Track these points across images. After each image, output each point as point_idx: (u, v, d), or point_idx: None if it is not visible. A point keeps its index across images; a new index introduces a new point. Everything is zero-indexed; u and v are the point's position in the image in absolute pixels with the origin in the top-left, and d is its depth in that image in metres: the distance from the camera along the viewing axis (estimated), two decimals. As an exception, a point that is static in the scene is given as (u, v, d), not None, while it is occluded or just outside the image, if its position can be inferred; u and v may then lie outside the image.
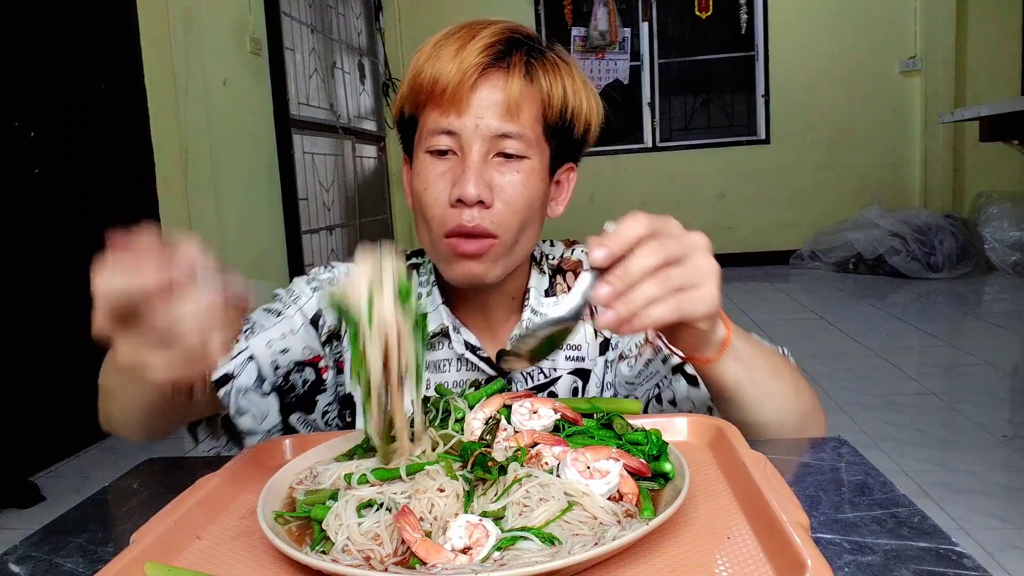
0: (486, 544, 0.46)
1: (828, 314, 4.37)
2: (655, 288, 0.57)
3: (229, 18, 3.61)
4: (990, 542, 1.78)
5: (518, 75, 0.79)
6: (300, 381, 0.86)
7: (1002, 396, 2.87)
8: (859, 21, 6.03)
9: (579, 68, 0.87)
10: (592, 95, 0.87)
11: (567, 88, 0.83)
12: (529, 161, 0.81)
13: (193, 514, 0.54)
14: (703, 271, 0.59)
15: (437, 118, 0.80)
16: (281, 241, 4.12)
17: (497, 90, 0.79)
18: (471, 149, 0.79)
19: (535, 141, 0.81)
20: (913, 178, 6.15)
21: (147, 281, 0.47)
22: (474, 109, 0.79)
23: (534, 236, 0.86)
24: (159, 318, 0.49)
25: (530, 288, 0.92)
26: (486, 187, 0.78)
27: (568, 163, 0.90)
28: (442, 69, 0.78)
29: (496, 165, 0.80)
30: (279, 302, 0.89)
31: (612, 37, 6.09)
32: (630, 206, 6.93)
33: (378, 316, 0.54)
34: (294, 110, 4.21)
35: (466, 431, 0.61)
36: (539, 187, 0.83)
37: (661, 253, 0.58)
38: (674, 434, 0.67)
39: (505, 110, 0.79)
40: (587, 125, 0.87)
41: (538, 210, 0.84)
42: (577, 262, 0.96)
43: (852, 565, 0.47)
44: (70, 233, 2.74)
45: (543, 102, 0.82)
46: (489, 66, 0.79)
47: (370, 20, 5.77)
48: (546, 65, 0.82)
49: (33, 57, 2.62)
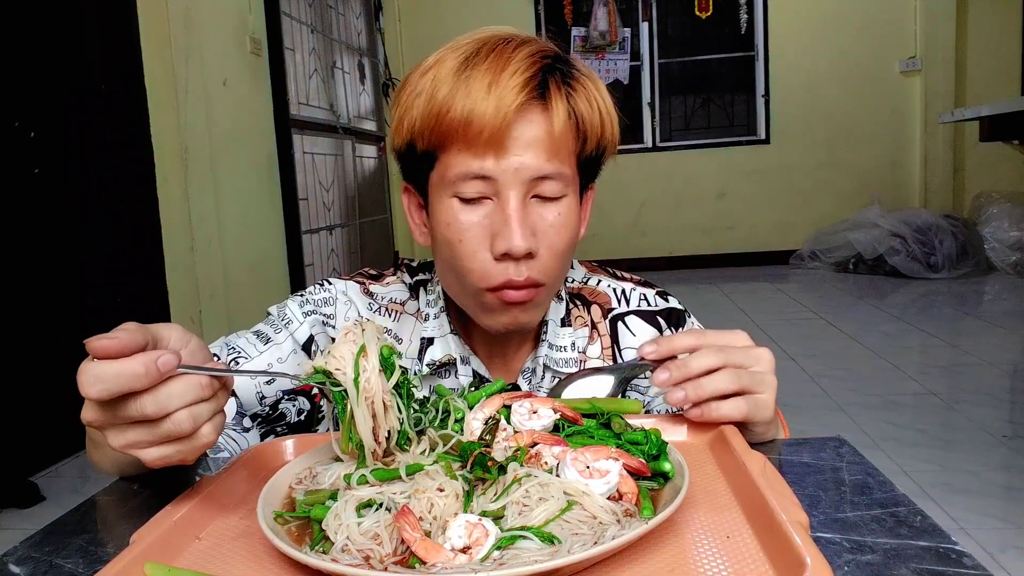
0: (486, 543, 0.46)
1: (828, 314, 4.37)
2: (725, 382, 0.64)
3: (229, 18, 3.61)
4: (990, 542, 1.78)
5: (561, 112, 0.72)
6: (293, 410, 0.82)
7: (1002, 396, 2.87)
8: (859, 21, 6.03)
9: (598, 79, 0.79)
10: (613, 106, 0.79)
11: (603, 115, 0.76)
12: (567, 199, 0.75)
13: (193, 514, 0.54)
14: (766, 383, 0.66)
15: (468, 161, 0.72)
16: (281, 241, 4.12)
17: (537, 127, 0.72)
18: (509, 195, 0.72)
19: (572, 177, 0.76)
20: (913, 178, 6.15)
21: (130, 378, 0.48)
22: (513, 151, 0.71)
23: (568, 268, 0.83)
24: (147, 408, 0.50)
25: (547, 320, 0.86)
26: (531, 235, 0.72)
27: (591, 184, 0.84)
28: (476, 107, 0.69)
29: (535, 207, 0.74)
30: (269, 325, 0.84)
31: (612, 37, 6.09)
32: (630, 206, 6.97)
33: (364, 385, 0.56)
34: (294, 110, 4.21)
35: (466, 431, 0.61)
36: (577, 223, 0.78)
37: (722, 357, 0.65)
38: (674, 434, 0.67)
39: (546, 150, 0.72)
40: (613, 146, 0.81)
41: (576, 243, 0.79)
42: (604, 296, 0.90)
43: (852, 564, 0.47)
44: (70, 233, 2.74)
45: (582, 134, 0.76)
46: (527, 102, 0.71)
47: (370, 20, 5.77)
48: (578, 90, 0.75)
49: (33, 57, 2.62)
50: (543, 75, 0.72)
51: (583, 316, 0.88)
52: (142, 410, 0.50)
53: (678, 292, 0.96)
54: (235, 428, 0.78)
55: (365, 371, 0.56)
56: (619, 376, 0.71)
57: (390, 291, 0.89)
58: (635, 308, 0.90)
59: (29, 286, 2.56)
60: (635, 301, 0.91)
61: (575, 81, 0.75)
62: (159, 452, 0.52)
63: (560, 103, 0.72)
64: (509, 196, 0.72)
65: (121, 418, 0.50)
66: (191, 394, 0.51)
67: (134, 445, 0.51)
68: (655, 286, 0.94)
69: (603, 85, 0.79)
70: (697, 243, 6.41)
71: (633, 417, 0.66)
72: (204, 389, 0.52)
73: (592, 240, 6.21)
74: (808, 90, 6.13)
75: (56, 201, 2.69)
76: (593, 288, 0.91)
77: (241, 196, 3.67)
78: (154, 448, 0.51)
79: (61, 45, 2.74)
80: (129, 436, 0.51)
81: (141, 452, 0.52)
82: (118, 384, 0.49)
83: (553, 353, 0.85)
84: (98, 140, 2.89)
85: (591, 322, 0.88)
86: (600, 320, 0.89)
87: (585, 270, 0.94)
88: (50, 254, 2.65)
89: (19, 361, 2.50)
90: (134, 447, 0.51)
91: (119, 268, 2.95)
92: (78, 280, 2.76)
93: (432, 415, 0.63)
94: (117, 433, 0.51)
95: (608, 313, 0.89)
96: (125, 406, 0.50)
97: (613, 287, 0.92)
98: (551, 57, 0.74)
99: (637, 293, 0.91)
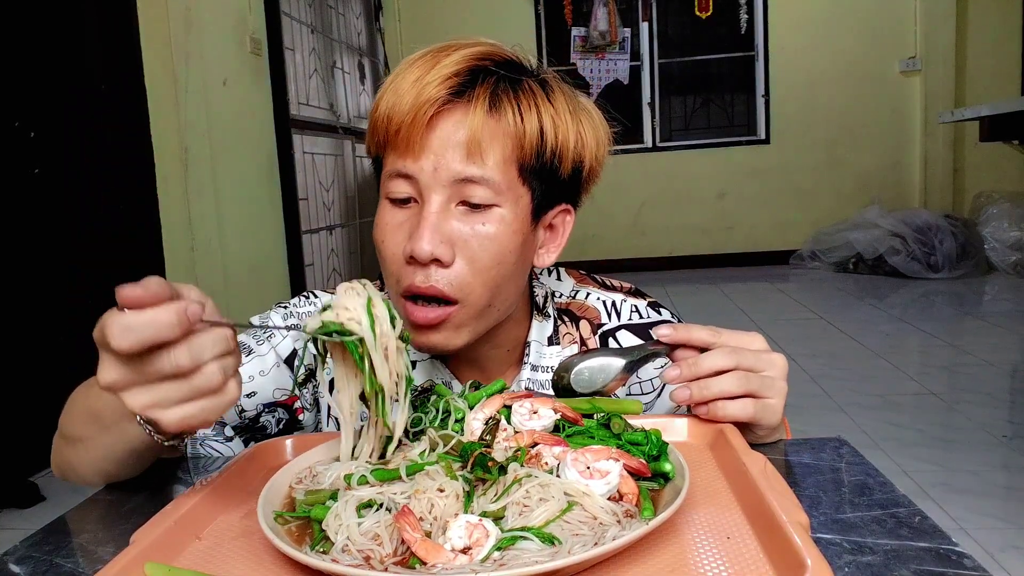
0: (486, 544, 0.46)
1: (828, 314, 4.37)
2: (732, 384, 0.64)
3: (229, 18, 3.61)
4: (990, 542, 1.78)
5: (480, 109, 0.68)
6: (273, 421, 0.81)
7: (1002, 396, 2.87)
8: (859, 21, 6.03)
9: (572, 95, 0.75)
10: (587, 125, 0.75)
11: (545, 121, 0.71)
12: (499, 210, 0.71)
13: (193, 514, 0.54)
14: (776, 388, 0.66)
15: (393, 160, 0.71)
16: (281, 241, 4.12)
17: (457, 128, 0.69)
18: (430, 197, 0.69)
19: (507, 186, 0.70)
20: (913, 178, 6.15)
21: (162, 327, 0.47)
22: (431, 150, 0.69)
23: (515, 292, 0.76)
24: (182, 360, 0.48)
25: (530, 342, 0.83)
26: (443, 242, 0.69)
27: (562, 205, 0.78)
28: (396, 104, 0.69)
29: (459, 216, 0.70)
30: (252, 336, 0.81)
31: (612, 37, 6.09)
32: (630, 206, 6.96)
33: (379, 331, 0.56)
34: (294, 110, 4.21)
35: (466, 431, 0.61)
36: (513, 239, 0.72)
37: (733, 359, 0.65)
38: (674, 434, 0.67)
39: (466, 151, 0.68)
40: (578, 161, 0.75)
41: (514, 265, 0.73)
42: (593, 311, 0.87)
43: (852, 565, 0.47)
44: (70, 233, 2.74)
45: (515, 139, 0.70)
46: (448, 100, 0.68)
47: (370, 20, 5.77)
48: (520, 96, 0.71)
49: (33, 57, 2.62)
50: (472, 75, 0.69)
51: (572, 333, 0.85)
52: (177, 361, 0.48)
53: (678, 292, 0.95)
54: (216, 439, 0.77)
55: (378, 319, 0.56)
56: (629, 359, 0.70)
57: None
58: (626, 322, 0.87)
59: (29, 286, 2.56)
60: (626, 313, 0.88)
61: (518, 86, 0.71)
62: (183, 411, 0.49)
63: (481, 102, 0.68)
64: (430, 198, 0.70)
65: (149, 374, 0.48)
66: (220, 345, 0.50)
67: (158, 404, 0.49)
68: (646, 296, 0.91)
69: (572, 98, 0.75)
70: (697, 243, 6.41)
71: (633, 417, 0.66)
72: (230, 341, 0.51)
73: (592, 240, 6.21)
74: (808, 90, 6.13)
75: (56, 201, 2.69)
76: (582, 303, 0.88)
77: (241, 196, 3.67)
78: (178, 407, 0.49)
79: (61, 45, 2.74)
80: (155, 394, 0.49)
81: (164, 413, 0.49)
82: (150, 333, 0.46)
83: (538, 375, 0.83)
84: (98, 140, 2.89)
85: (580, 339, 0.85)
86: (590, 336, 0.86)
87: (574, 281, 0.90)
88: (50, 254, 2.65)
89: (19, 361, 2.50)
90: (158, 407, 0.49)
91: (119, 268, 2.95)
92: (78, 280, 2.76)
93: (432, 415, 0.63)
94: (141, 392, 0.49)
95: (598, 329, 0.87)
96: (155, 359, 0.48)
97: (603, 299, 0.88)
98: (495, 60, 0.71)
99: (628, 305, 0.89)
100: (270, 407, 0.80)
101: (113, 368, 0.49)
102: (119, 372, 0.49)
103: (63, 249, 2.70)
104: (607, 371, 0.69)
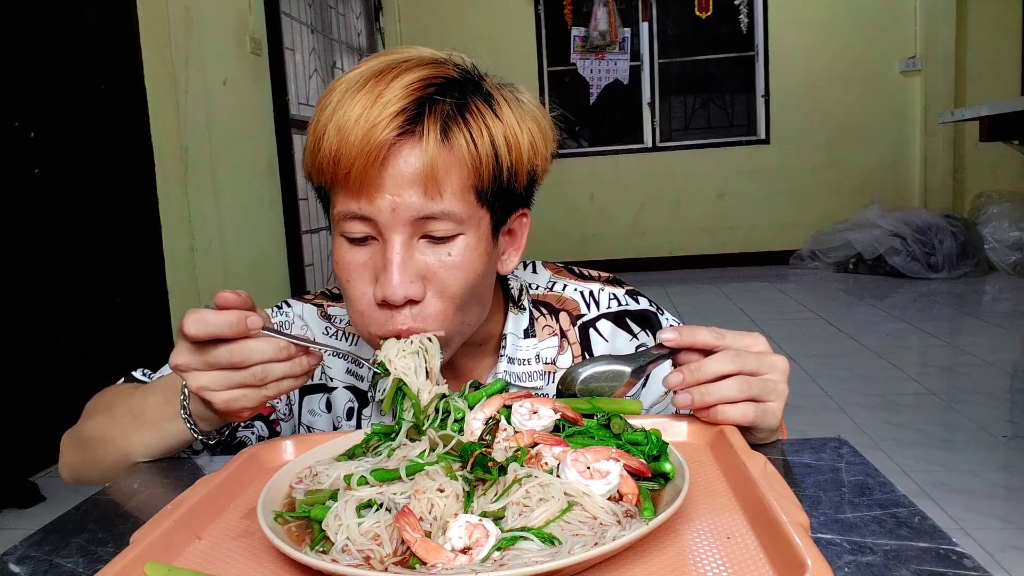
0: (486, 544, 0.46)
1: (828, 314, 4.37)
2: (733, 389, 0.65)
3: (229, 18, 3.61)
4: (990, 542, 1.78)
5: (432, 143, 0.65)
6: (253, 438, 0.81)
7: (1002, 396, 2.87)
8: (859, 21, 6.04)
9: (516, 102, 0.72)
10: (535, 129, 0.72)
11: (498, 141, 0.69)
12: (463, 238, 0.69)
13: (193, 514, 0.54)
14: (777, 391, 0.66)
15: (346, 201, 0.68)
16: (281, 241, 4.12)
17: (409, 162, 0.66)
18: (392, 237, 0.67)
19: (467, 214, 0.69)
20: (913, 178, 6.15)
21: (222, 325, 0.60)
22: (386, 189, 0.66)
23: (484, 304, 0.76)
24: (233, 356, 0.61)
25: (506, 335, 0.83)
26: (413, 281, 0.68)
27: (520, 210, 0.77)
28: (342, 146, 0.65)
29: (423, 248, 0.69)
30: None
31: (612, 37, 6.09)
32: (630, 206, 6.95)
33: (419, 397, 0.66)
34: (294, 110, 4.21)
35: (466, 431, 0.61)
36: (479, 261, 0.71)
37: (736, 363, 0.65)
38: (674, 434, 0.67)
39: (423, 188, 0.66)
40: (531, 170, 0.74)
41: (483, 282, 0.73)
42: (572, 302, 0.86)
43: (852, 565, 0.47)
44: (70, 233, 2.74)
45: (470, 167, 0.68)
46: (399, 136, 0.65)
47: (370, 20, 5.77)
48: (469, 120, 0.68)
49: (33, 57, 2.62)
50: (418, 107, 0.66)
51: (551, 325, 0.85)
52: (229, 356, 0.61)
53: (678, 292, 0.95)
54: (184, 453, 0.76)
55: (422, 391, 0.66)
56: (635, 365, 0.70)
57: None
58: (605, 311, 0.87)
59: (29, 286, 2.56)
60: (604, 302, 0.88)
61: (465, 109, 0.68)
62: (230, 395, 0.62)
63: (431, 138, 0.66)
64: (392, 238, 0.67)
65: (209, 362, 0.61)
66: (270, 352, 0.62)
67: (209, 387, 0.62)
68: (624, 284, 0.91)
69: (516, 101, 0.72)
70: (697, 243, 6.41)
71: (633, 417, 0.66)
72: (281, 351, 0.62)
73: (592, 240, 6.21)
74: (808, 90, 6.13)
75: (56, 201, 2.69)
76: (559, 294, 0.87)
77: (241, 196, 3.67)
78: (226, 392, 0.62)
79: (61, 45, 2.74)
80: (209, 378, 0.62)
81: (213, 395, 0.62)
82: (212, 327, 0.60)
83: (514, 367, 0.83)
84: (98, 140, 2.89)
85: (560, 330, 0.85)
86: (569, 328, 0.86)
87: (550, 274, 0.90)
88: (50, 254, 2.65)
89: (19, 361, 2.50)
90: (208, 388, 0.62)
91: (119, 268, 2.95)
92: (78, 280, 2.76)
93: (432, 415, 0.63)
94: (198, 375, 0.62)
95: (577, 320, 0.86)
96: (213, 350, 0.61)
97: (580, 290, 0.88)
98: (440, 83, 0.68)
99: (606, 293, 0.88)
100: (247, 422, 0.81)
101: (184, 352, 0.62)
102: (187, 356, 0.62)
103: (63, 249, 2.70)
104: (614, 379, 0.69)
